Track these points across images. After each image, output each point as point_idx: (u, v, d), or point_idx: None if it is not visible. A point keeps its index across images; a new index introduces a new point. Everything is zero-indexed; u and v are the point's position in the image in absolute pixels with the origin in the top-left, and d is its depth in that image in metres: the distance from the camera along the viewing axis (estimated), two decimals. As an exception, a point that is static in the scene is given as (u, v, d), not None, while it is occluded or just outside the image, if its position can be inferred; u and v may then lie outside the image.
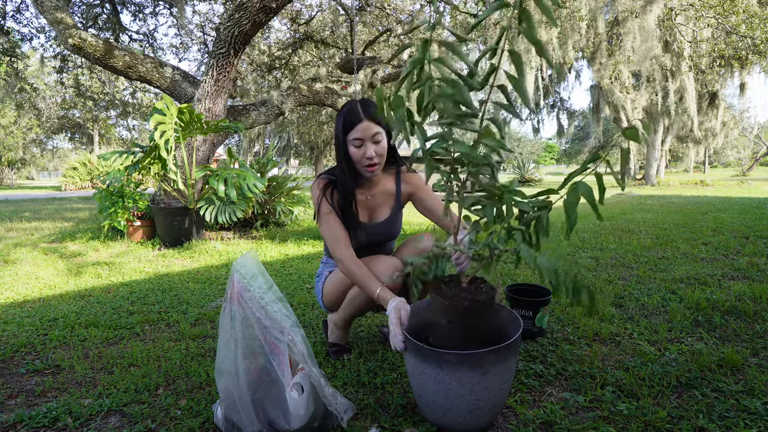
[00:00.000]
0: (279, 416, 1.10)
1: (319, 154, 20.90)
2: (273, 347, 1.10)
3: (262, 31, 8.81)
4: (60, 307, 2.27)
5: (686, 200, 7.70)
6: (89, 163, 17.33)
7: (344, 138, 1.41)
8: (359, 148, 1.39)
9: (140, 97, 17.33)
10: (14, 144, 22.29)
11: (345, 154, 1.43)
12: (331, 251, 1.42)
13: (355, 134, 1.38)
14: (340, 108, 1.45)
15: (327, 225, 1.45)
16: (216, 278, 2.83)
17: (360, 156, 1.40)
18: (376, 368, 1.50)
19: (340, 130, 1.41)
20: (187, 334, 1.85)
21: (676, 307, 1.99)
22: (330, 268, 1.63)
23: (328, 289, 1.57)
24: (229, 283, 1.14)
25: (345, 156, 1.43)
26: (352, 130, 1.39)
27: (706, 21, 8.13)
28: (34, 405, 1.33)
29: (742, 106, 24.77)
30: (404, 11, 8.67)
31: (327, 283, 1.58)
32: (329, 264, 1.65)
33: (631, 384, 1.34)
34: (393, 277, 1.33)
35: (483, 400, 1.07)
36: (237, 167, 4.17)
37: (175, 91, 4.89)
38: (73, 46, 4.52)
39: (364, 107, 1.40)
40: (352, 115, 1.39)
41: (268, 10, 4.08)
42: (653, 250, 3.29)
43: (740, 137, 27.44)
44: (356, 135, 1.38)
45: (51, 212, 7.47)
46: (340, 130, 1.41)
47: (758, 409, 1.20)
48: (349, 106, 1.42)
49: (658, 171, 15.80)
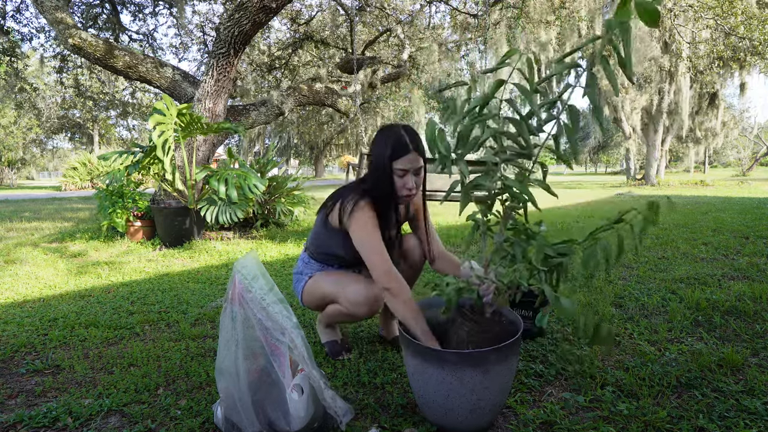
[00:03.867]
0: (279, 417, 1.10)
1: (319, 154, 20.90)
2: (274, 348, 1.10)
3: (262, 31, 8.81)
4: (60, 307, 2.27)
5: (686, 200, 7.70)
6: (89, 163, 17.32)
7: (390, 164, 1.38)
8: (402, 177, 1.38)
9: (140, 97, 17.35)
10: (14, 144, 22.29)
11: (387, 179, 1.40)
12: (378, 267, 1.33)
13: (402, 164, 1.36)
14: (385, 131, 1.41)
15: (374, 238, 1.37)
16: (216, 278, 2.83)
17: (401, 186, 1.39)
18: (376, 368, 1.50)
19: (386, 155, 1.37)
20: (187, 334, 1.85)
21: (676, 307, 1.99)
22: (312, 271, 1.60)
23: (307, 298, 1.58)
24: (230, 283, 1.14)
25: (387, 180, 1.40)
26: (399, 159, 1.36)
27: (705, 22, 8.13)
28: (34, 405, 1.33)
29: (742, 106, 24.79)
30: (404, 11, 8.67)
31: (307, 292, 1.57)
32: (311, 265, 1.61)
33: (631, 384, 1.34)
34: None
35: (484, 400, 1.07)
36: (237, 167, 4.17)
37: (175, 91, 4.89)
38: (73, 46, 4.52)
39: (411, 138, 1.38)
40: (400, 144, 1.36)
41: (268, 10, 4.08)
42: (653, 250, 3.29)
43: (740, 137, 27.45)
44: (402, 165, 1.36)
45: (51, 212, 7.47)
46: (385, 156, 1.37)
47: (758, 409, 1.20)
48: (396, 133, 1.38)
49: (658, 171, 15.80)
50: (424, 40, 8.91)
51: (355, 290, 1.44)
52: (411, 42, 8.55)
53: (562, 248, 1.05)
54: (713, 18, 7.91)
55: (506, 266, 1.12)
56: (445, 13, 9.07)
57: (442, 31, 9.62)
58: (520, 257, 1.08)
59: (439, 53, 9.03)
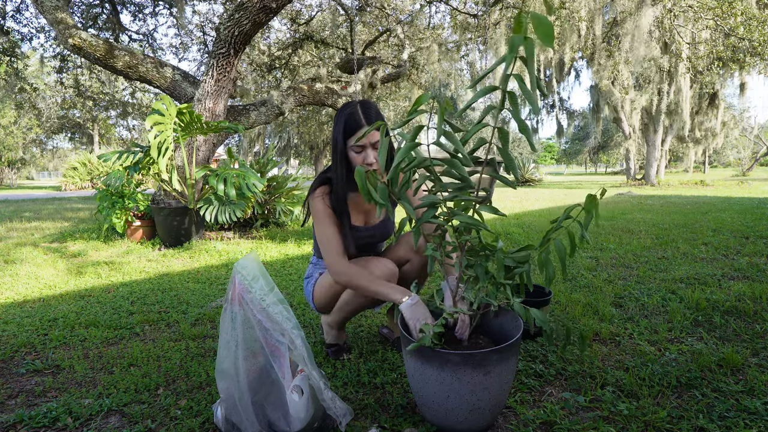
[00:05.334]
0: (279, 418, 1.10)
1: (318, 153, 20.91)
2: (274, 349, 1.10)
3: (262, 31, 8.81)
4: (60, 307, 2.27)
5: (686, 200, 7.70)
6: (89, 163, 17.33)
7: (344, 143, 1.37)
8: (359, 153, 1.36)
9: (140, 97, 17.35)
10: (14, 144, 22.29)
11: (343, 159, 1.39)
12: (326, 257, 1.38)
13: (357, 140, 1.35)
14: (339, 110, 1.40)
15: (324, 226, 1.40)
16: (216, 278, 2.83)
17: (360, 162, 1.37)
18: (376, 368, 1.50)
19: (340, 134, 1.36)
20: (187, 334, 1.85)
21: (676, 307, 1.99)
22: (320, 269, 1.60)
23: (319, 292, 1.55)
24: (231, 284, 1.14)
25: (343, 160, 1.39)
26: (353, 135, 1.35)
27: (704, 23, 8.13)
28: (34, 405, 1.33)
29: (742, 106, 24.78)
30: (404, 11, 8.67)
31: (317, 286, 1.55)
32: (319, 265, 1.61)
33: (631, 384, 1.34)
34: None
35: (484, 401, 1.07)
36: (237, 167, 4.17)
37: (175, 91, 4.89)
38: (73, 46, 4.52)
39: (364, 111, 1.36)
40: (352, 120, 1.35)
41: (268, 10, 4.08)
42: (653, 250, 3.29)
43: (740, 137, 27.46)
44: (357, 141, 1.35)
45: (51, 212, 7.46)
46: (339, 135, 1.37)
47: (758, 409, 1.20)
48: (348, 110, 1.37)
49: (658, 171, 15.81)
50: (424, 40, 8.91)
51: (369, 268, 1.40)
52: (411, 42, 8.55)
53: (521, 257, 1.10)
54: (713, 18, 7.91)
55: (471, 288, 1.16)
56: (445, 13, 9.07)
57: (442, 31, 9.62)
58: (483, 275, 1.11)
59: (439, 53, 9.03)
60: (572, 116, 18.07)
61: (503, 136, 0.97)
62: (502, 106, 0.91)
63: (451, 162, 1.01)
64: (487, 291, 1.14)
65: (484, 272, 1.12)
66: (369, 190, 1.04)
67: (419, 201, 1.51)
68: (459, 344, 1.19)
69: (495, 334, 1.27)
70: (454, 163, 1.01)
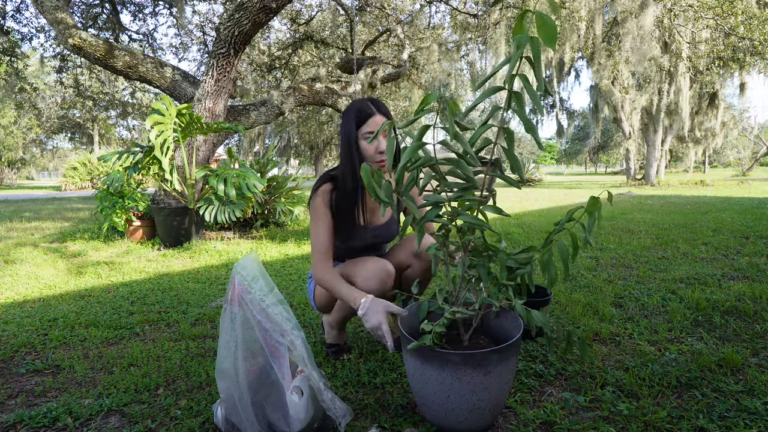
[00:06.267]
0: (279, 419, 1.10)
1: (318, 153, 20.90)
2: (274, 350, 1.10)
3: (262, 31, 8.81)
4: (60, 307, 2.27)
5: (686, 200, 7.70)
6: (89, 163, 17.34)
7: (356, 133, 1.40)
8: (371, 143, 1.37)
9: (140, 97, 17.34)
10: (14, 144, 22.29)
11: (355, 150, 1.40)
12: (312, 255, 1.42)
13: (369, 128, 1.38)
14: (348, 107, 1.44)
15: (317, 224, 1.44)
16: (216, 278, 2.83)
17: (373, 150, 1.39)
18: (376, 368, 1.50)
19: (352, 125, 1.40)
20: (187, 334, 1.85)
21: (676, 307, 1.99)
22: None
23: (319, 291, 1.57)
24: (230, 284, 1.14)
25: (354, 152, 1.40)
26: (365, 124, 1.39)
27: (705, 22, 8.13)
28: (34, 405, 1.33)
29: (742, 106, 24.78)
30: (404, 11, 8.67)
31: (318, 290, 1.57)
32: None
33: (631, 384, 1.34)
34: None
35: (484, 401, 1.07)
36: (237, 167, 4.17)
37: (175, 91, 4.89)
38: (73, 46, 4.52)
39: (374, 103, 1.41)
40: (363, 110, 1.40)
41: (268, 10, 4.08)
42: (653, 250, 3.29)
43: (740, 137, 27.46)
44: (370, 128, 1.38)
45: (51, 212, 7.46)
46: (351, 126, 1.40)
47: (758, 409, 1.20)
48: (358, 104, 1.41)
49: (658, 171, 15.80)
50: (424, 40, 8.90)
51: (363, 267, 1.42)
52: (411, 42, 8.54)
53: (523, 258, 1.11)
54: (713, 18, 7.90)
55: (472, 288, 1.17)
56: (445, 13, 9.07)
57: (442, 31, 9.61)
58: (485, 276, 1.12)
59: (439, 53, 9.03)
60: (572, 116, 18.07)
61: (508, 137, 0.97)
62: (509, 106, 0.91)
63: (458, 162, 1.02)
64: (489, 291, 1.15)
65: (487, 273, 1.12)
66: (374, 187, 1.05)
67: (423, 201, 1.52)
68: (459, 344, 1.19)
69: (495, 333, 1.27)
70: (461, 163, 1.01)
